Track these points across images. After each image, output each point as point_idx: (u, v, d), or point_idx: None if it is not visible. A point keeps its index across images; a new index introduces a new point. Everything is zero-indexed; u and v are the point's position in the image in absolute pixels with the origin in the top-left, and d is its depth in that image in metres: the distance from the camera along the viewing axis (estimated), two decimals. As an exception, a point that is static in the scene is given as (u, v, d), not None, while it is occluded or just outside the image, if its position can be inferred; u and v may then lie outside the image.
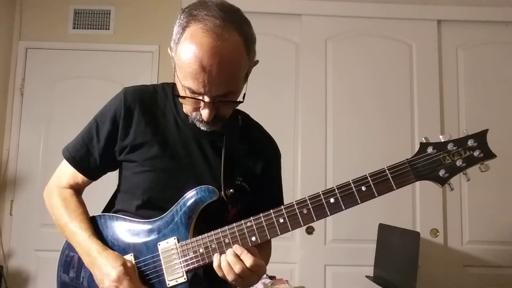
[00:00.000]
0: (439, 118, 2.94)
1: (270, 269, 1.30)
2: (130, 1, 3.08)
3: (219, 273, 0.98)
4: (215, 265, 0.98)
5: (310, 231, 2.83)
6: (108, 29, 3.05)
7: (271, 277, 2.40)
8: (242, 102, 1.01)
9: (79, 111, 2.74)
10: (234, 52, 0.93)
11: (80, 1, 3.07)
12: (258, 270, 0.97)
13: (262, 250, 1.02)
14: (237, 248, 0.97)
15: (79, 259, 1.09)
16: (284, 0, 3.04)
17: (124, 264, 1.01)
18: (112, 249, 1.07)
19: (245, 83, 1.02)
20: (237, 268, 0.95)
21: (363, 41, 3.03)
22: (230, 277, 0.96)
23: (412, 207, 2.86)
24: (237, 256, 0.96)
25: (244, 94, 1.02)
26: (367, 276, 2.63)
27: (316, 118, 2.95)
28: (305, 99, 2.96)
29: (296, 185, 2.88)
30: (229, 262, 0.96)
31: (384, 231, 2.65)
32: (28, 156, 2.95)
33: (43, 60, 3.03)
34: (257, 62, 1.04)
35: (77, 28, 3.05)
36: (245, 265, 0.95)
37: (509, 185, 2.88)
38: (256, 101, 2.17)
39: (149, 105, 1.11)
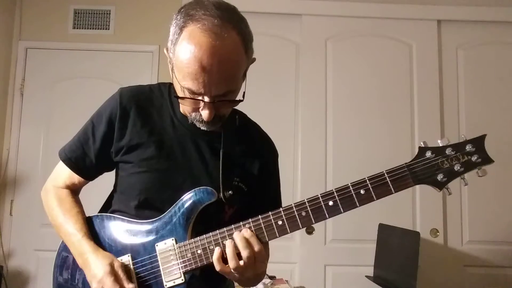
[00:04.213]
0: (439, 117, 2.93)
1: (270, 269, 1.30)
2: (130, 1, 3.08)
3: (217, 267, 0.95)
4: (215, 257, 0.96)
5: (310, 231, 2.83)
6: (108, 29, 3.05)
7: (271, 277, 2.40)
8: (242, 100, 1.01)
9: (79, 111, 2.69)
10: (233, 51, 0.93)
11: (80, 1, 3.07)
12: (260, 258, 0.95)
13: None
14: (246, 231, 0.95)
15: (75, 260, 1.09)
16: (284, 0, 3.03)
17: (111, 263, 1.00)
18: (109, 249, 1.06)
19: (243, 81, 1.02)
20: (246, 254, 0.93)
21: (363, 41, 3.03)
22: (232, 264, 0.94)
23: (412, 207, 2.86)
24: (247, 240, 0.94)
25: (244, 92, 1.02)
26: (367, 276, 2.63)
27: (316, 118, 2.94)
28: (305, 99, 2.96)
29: (296, 186, 2.88)
30: (238, 246, 0.94)
31: (384, 231, 2.65)
32: (28, 156, 2.95)
33: (43, 60, 3.02)
34: (254, 60, 1.04)
35: (77, 28, 3.05)
36: (253, 249, 0.93)
37: (509, 186, 2.88)
38: (256, 101, 2.18)
39: (145, 105, 1.10)
